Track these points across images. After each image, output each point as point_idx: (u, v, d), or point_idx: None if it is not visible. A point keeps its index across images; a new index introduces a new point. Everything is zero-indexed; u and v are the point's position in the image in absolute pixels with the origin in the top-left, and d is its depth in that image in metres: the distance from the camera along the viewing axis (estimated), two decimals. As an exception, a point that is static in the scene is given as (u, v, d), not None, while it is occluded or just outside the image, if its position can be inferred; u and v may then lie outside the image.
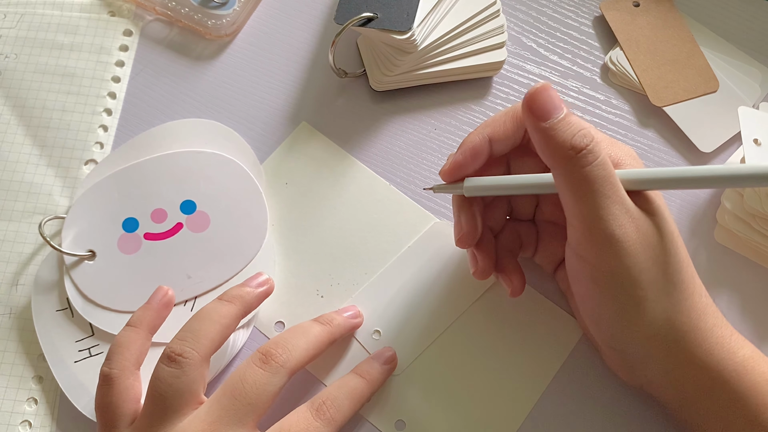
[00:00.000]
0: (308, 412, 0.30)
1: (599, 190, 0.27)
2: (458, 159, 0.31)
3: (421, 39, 0.39)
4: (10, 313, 0.37)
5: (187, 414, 0.29)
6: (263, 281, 0.35)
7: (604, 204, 0.27)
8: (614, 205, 0.27)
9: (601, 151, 0.27)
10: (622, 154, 0.30)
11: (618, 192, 0.27)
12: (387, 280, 0.37)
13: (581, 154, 0.27)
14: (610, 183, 0.27)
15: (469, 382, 0.35)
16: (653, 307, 0.28)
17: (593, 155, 0.27)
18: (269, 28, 0.45)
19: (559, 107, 0.28)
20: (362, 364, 0.34)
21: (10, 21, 0.44)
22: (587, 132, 0.27)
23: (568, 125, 0.27)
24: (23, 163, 0.40)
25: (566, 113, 0.28)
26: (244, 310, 0.33)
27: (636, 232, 0.27)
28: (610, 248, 0.27)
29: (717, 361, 0.29)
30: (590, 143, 0.27)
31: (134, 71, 0.43)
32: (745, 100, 0.41)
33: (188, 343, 0.30)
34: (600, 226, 0.27)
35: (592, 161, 0.27)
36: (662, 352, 0.29)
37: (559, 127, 0.27)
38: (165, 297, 0.34)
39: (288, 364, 0.30)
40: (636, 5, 0.44)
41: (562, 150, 0.27)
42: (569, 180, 0.27)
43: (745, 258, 0.38)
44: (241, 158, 0.40)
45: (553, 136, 0.27)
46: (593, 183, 0.27)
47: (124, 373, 0.31)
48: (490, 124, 0.31)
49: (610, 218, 0.27)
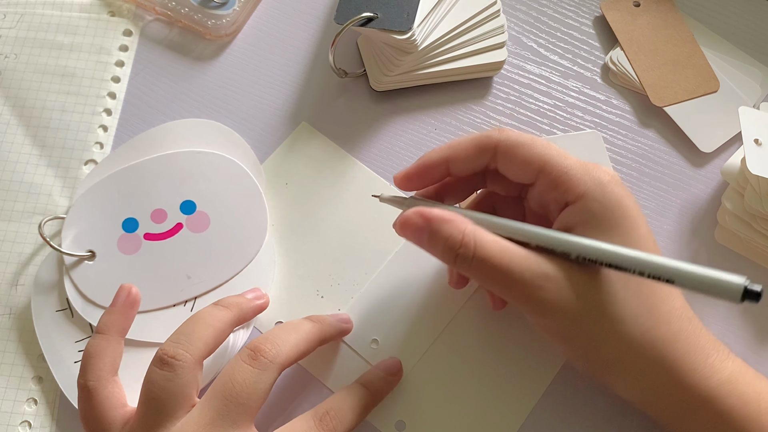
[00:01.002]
0: (311, 420, 0.30)
1: (490, 279, 0.28)
2: (410, 171, 0.31)
3: (421, 39, 0.39)
4: (10, 313, 0.37)
5: (180, 417, 0.29)
6: (260, 295, 0.36)
7: (499, 285, 0.28)
8: (509, 279, 0.27)
9: (470, 243, 0.27)
10: (588, 185, 0.28)
11: (512, 266, 0.27)
12: (378, 287, 0.37)
13: (457, 261, 0.28)
14: (492, 267, 0.27)
15: (470, 382, 0.35)
16: (601, 348, 0.28)
17: (464, 255, 0.27)
18: (269, 28, 0.44)
19: (420, 233, 0.28)
20: (367, 374, 0.34)
21: (10, 21, 0.44)
22: (453, 234, 0.28)
23: (436, 242, 0.28)
24: (23, 163, 0.40)
25: (429, 232, 0.28)
26: (239, 318, 0.33)
27: (554, 292, 0.27)
28: (531, 313, 0.28)
29: (689, 387, 0.28)
30: (458, 248, 0.27)
31: (134, 71, 0.43)
32: (746, 100, 0.41)
33: (182, 345, 0.30)
34: (512, 299, 0.28)
35: (469, 261, 0.27)
36: (627, 381, 0.29)
37: (429, 245, 0.29)
38: (129, 297, 0.34)
39: (277, 360, 0.30)
40: (636, 5, 0.44)
41: (443, 260, 0.29)
42: (465, 274, 0.29)
43: (746, 258, 0.38)
44: (241, 158, 0.40)
45: (430, 252, 0.29)
46: (486, 275, 0.27)
47: (100, 382, 0.31)
48: (453, 146, 0.31)
49: (513, 293, 0.28)
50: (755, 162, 0.35)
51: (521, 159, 0.29)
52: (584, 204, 0.28)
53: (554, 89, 0.43)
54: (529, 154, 0.29)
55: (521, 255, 0.27)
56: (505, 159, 0.30)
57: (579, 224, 0.28)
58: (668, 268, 0.25)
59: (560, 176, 0.28)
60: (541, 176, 0.29)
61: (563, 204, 0.29)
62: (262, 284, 0.37)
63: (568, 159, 0.29)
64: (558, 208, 0.29)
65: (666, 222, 0.39)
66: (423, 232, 0.28)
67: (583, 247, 0.27)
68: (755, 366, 0.30)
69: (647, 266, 0.25)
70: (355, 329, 0.36)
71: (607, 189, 0.28)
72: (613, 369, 0.29)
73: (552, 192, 0.29)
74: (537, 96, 0.43)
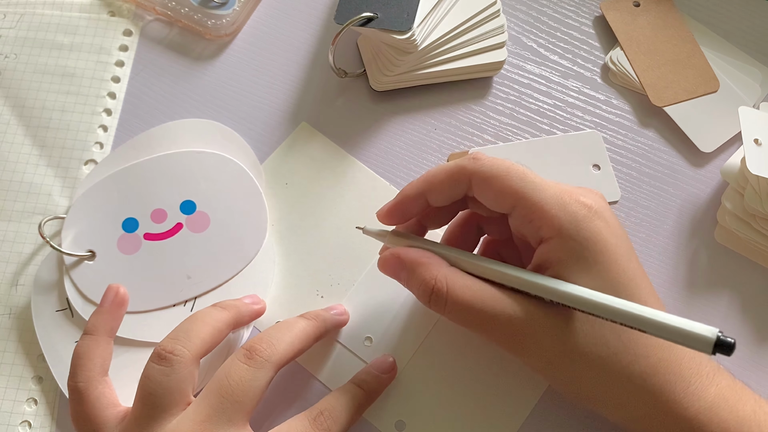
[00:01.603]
0: (306, 420, 0.30)
1: (465, 323, 0.28)
2: (391, 206, 0.32)
3: (421, 39, 0.39)
4: (10, 313, 0.37)
5: (176, 414, 0.29)
6: (257, 300, 0.36)
7: (474, 327, 0.28)
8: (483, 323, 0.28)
9: (443, 288, 0.28)
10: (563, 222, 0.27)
11: (485, 310, 0.27)
12: (369, 284, 0.37)
13: (431, 303, 0.28)
14: (466, 311, 0.28)
15: (469, 381, 0.35)
16: (579, 383, 0.28)
17: (437, 300, 0.28)
18: (269, 28, 0.44)
19: (398, 273, 0.30)
20: (361, 373, 0.34)
21: (10, 21, 0.44)
22: (426, 279, 0.28)
23: (411, 284, 0.29)
24: (23, 163, 0.40)
25: (405, 273, 0.30)
26: (236, 319, 0.33)
27: (529, 336, 0.27)
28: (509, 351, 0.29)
29: (668, 416, 0.28)
30: (431, 294, 0.28)
31: (134, 71, 0.43)
32: (746, 100, 0.41)
33: (179, 341, 0.30)
34: (488, 339, 0.29)
35: (443, 305, 0.28)
36: (608, 411, 0.29)
37: (406, 285, 0.30)
38: (117, 296, 0.34)
39: (273, 358, 0.30)
40: (636, 5, 0.44)
41: (421, 300, 0.29)
42: (446, 318, 0.29)
43: (746, 258, 0.38)
44: (241, 158, 0.40)
45: (409, 290, 0.30)
46: (461, 318, 0.28)
47: (91, 383, 0.31)
48: (429, 179, 0.30)
49: (489, 334, 0.28)
50: (755, 162, 0.35)
51: (495, 191, 0.29)
52: (559, 242, 0.27)
53: (554, 89, 0.43)
54: (503, 187, 0.28)
55: (496, 298, 0.28)
56: (479, 190, 0.29)
57: (555, 262, 0.28)
58: (639, 318, 0.25)
59: (534, 212, 0.28)
60: (515, 210, 0.29)
61: (538, 240, 0.28)
62: (261, 284, 0.37)
63: (543, 192, 0.28)
64: (535, 241, 0.29)
65: (666, 222, 0.39)
66: (401, 273, 0.30)
67: (556, 292, 0.27)
68: (755, 367, 0.30)
69: (619, 315, 0.25)
70: (349, 328, 0.36)
71: (582, 225, 0.27)
72: (594, 402, 0.29)
73: (527, 226, 0.28)
74: (537, 96, 0.43)
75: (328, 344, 0.36)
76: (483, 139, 0.41)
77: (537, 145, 0.41)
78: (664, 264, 0.38)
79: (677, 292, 0.38)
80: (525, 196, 0.28)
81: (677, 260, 0.38)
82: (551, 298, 0.27)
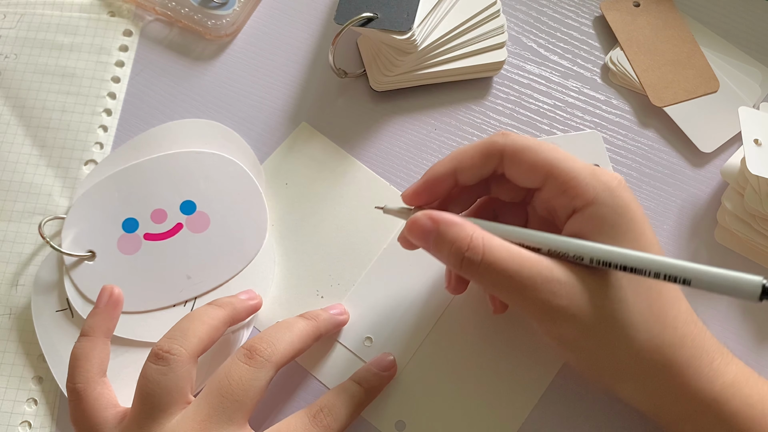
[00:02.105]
0: (306, 417, 0.30)
1: (499, 284, 0.27)
2: (419, 186, 0.31)
3: (421, 39, 0.39)
4: (10, 313, 0.37)
5: (175, 414, 0.29)
6: (253, 296, 0.36)
7: (508, 290, 0.27)
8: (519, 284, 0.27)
9: (479, 245, 0.27)
10: (598, 190, 0.28)
11: (522, 271, 0.27)
12: (369, 284, 0.37)
13: (463, 264, 0.27)
14: (501, 271, 0.27)
15: (470, 381, 0.35)
16: (612, 354, 0.28)
17: (471, 259, 0.27)
18: (269, 28, 0.44)
19: (428, 235, 0.28)
20: (360, 371, 0.34)
21: (10, 21, 0.44)
22: (461, 237, 0.27)
23: (442, 245, 0.28)
24: (23, 163, 0.40)
25: (437, 234, 0.28)
26: (233, 316, 0.33)
27: (566, 298, 0.27)
28: (541, 321, 0.28)
29: (695, 391, 0.28)
30: (465, 252, 0.27)
31: (134, 71, 0.43)
32: (746, 100, 0.41)
33: (176, 340, 0.30)
34: (521, 305, 0.28)
35: (476, 265, 0.27)
36: (634, 387, 0.29)
37: (435, 248, 0.28)
38: (111, 297, 0.34)
39: (273, 358, 0.30)
40: (636, 5, 0.44)
41: (449, 264, 0.28)
42: (471, 280, 0.28)
43: (746, 258, 0.38)
44: (241, 158, 0.40)
45: (436, 256, 0.29)
46: (494, 280, 0.27)
47: (89, 384, 0.31)
48: (458, 156, 0.30)
49: (523, 299, 0.27)
50: (755, 162, 0.35)
51: (528, 164, 0.29)
52: (594, 210, 0.28)
53: (554, 89, 0.43)
54: (536, 159, 0.29)
55: (532, 259, 0.27)
56: (511, 164, 0.29)
57: (589, 230, 0.28)
58: (686, 269, 0.25)
59: (568, 181, 0.28)
60: (548, 181, 0.29)
61: (571, 210, 0.28)
62: (261, 284, 0.37)
63: (575, 163, 0.28)
64: (566, 213, 0.29)
65: (666, 222, 0.39)
66: (430, 235, 0.28)
67: (598, 250, 0.27)
68: (754, 367, 0.30)
69: (664, 267, 0.25)
70: (349, 328, 0.36)
71: (616, 194, 0.28)
72: (621, 376, 0.29)
73: (560, 197, 0.29)
74: (537, 96, 0.43)
75: (328, 344, 0.36)
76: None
77: (537, 145, 0.41)
78: (664, 264, 0.38)
79: (677, 292, 0.38)
80: (558, 167, 0.28)
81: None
82: (593, 256, 0.27)
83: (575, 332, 0.28)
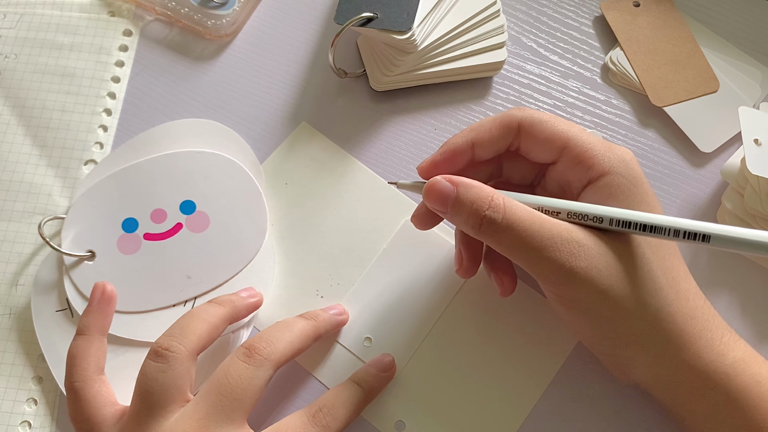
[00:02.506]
0: (305, 416, 0.30)
1: (519, 245, 0.27)
2: (436, 158, 0.31)
3: (421, 39, 0.39)
4: (10, 313, 0.37)
5: (174, 411, 0.29)
6: (254, 293, 0.36)
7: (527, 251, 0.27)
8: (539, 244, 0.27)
9: (500, 204, 0.27)
10: (613, 162, 0.29)
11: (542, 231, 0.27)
12: (369, 285, 0.37)
13: (483, 224, 0.27)
14: (522, 231, 0.27)
15: (470, 382, 0.35)
16: (627, 320, 0.28)
17: (491, 218, 0.27)
18: (269, 28, 0.44)
19: (447, 196, 0.28)
20: (360, 371, 0.34)
21: (10, 21, 0.44)
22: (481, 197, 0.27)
23: (461, 206, 0.28)
24: (23, 163, 0.40)
25: (456, 195, 0.28)
26: (233, 314, 0.33)
27: (585, 260, 0.27)
28: (559, 283, 0.28)
29: (706, 363, 0.29)
30: (486, 210, 0.27)
31: (134, 71, 0.43)
32: (746, 100, 0.41)
33: (176, 338, 0.30)
34: (540, 267, 0.27)
35: (496, 225, 0.27)
36: (648, 357, 0.29)
37: (454, 211, 0.28)
38: (104, 294, 0.34)
39: (272, 357, 0.30)
40: (636, 5, 0.44)
41: (468, 226, 0.28)
42: (489, 243, 0.28)
43: (746, 258, 0.38)
44: (241, 158, 0.40)
45: (455, 220, 0.29)
46: (515, 241, 0.27)
47: (87, 383, 0.31)
48: (476, 128, 0.31)
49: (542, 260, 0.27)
50: (755, 162, 0.35)
51: (544, 136, 0.30)
52: (610, 179, 0.29)
53: (554, 89, 0.43)
54: (553, 131, 0.30)
55: (552, 221, 0.27)
56: (528, 137, 0.30)
57: (605, 199, 0.29)
58: (705, 226, 0.26)
59: (584, 152, 0.29)
60: (564, 153, 0.30)
61: (586, 182, 0.29)
62: (261, 284, 0.37)
63: (590, 136, 0.30)
64: (580, 185, 0.30)
65: (666, 222, 0.39)
66: (449, 197, 0.28)
67: (617, 212, 0.27)
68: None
69: (684, 225, 0.26)
70: (348, 328, 0.36)
71: (630, 166, 0.29)
72: (634, 346, 0.29)
73: (575, 169, 0.29)
74: (537, 96, 0.43)
75: (328, 344, 0.36)
76: (483, 139, 0.41)
77: (537, 145, 0.41)
78: (664, 264, 0.38)
79: (677, 292, 0.38)
80: (574, 139, 0.29)
81: (677, 260, 0.38)
82: (612, 217, 0.27)
83: (592, 295, 0.28)
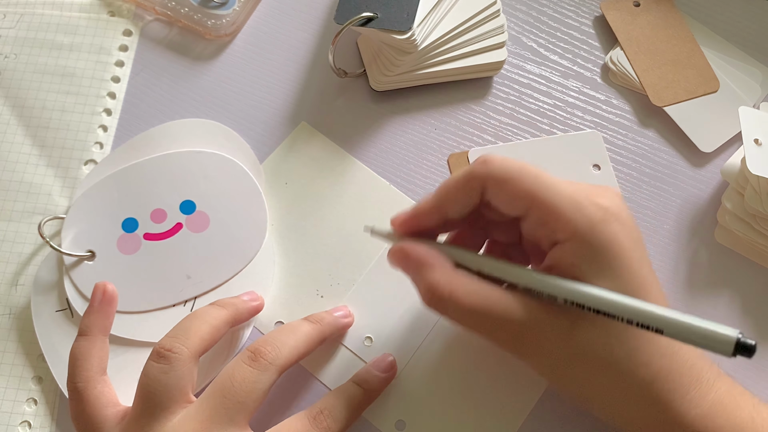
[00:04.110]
0: (306, 419, 0.30)
1: (473, 325, 0.28)
2: (407, 218, 0.31)
3: (421, 39, 0.39)
4: (10, 313, 0.37)
5: (176, 412, 0.29)
6: (255, 297, 0.36)
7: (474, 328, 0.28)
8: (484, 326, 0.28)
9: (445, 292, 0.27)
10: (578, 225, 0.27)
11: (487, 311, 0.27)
12: (369, 285, 0.37)
13: (432, 306, 0.28)
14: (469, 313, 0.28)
15: (470, 381, 0.35)
16: (581, 388, 0.29)
17: (439, 305, 0.28)
18: (269, 28, 0.44)
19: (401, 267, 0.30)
20: (361, 372, 0.34)
21: (10, 21, 0.44)
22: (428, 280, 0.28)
23: (414, 279, 0.29)
24: (23, 163, 0.40)
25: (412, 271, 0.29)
26: (235, 317, 0.34)
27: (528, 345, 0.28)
28: (513, 357, 0.29)
29: (667, 422, 0.28)
30: (431, 298, 0.28)
31: (134, 71, 0.43)
32: (746, 100, 0.41)
33: (178, 339, 0.30)
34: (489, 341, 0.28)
35: (444, 309, 0.28)
36: (608, 415, 0.29)
37: (411, 280, 0.29)
38: (105, 294, 0.34)
39: (277, 361, 0.30)
40: (636, 5, 0.44)
41: (422, 300, 0.29)
42: (449, 321, 0.29)
43: (746, 258, 0.38)
44: (240, 158, 0.40)
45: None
46: (464, 321, 0.28)
47: (89, 383, 0.31)
48: (442, 190, 0.30)
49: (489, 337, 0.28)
50: (755, 162, 0.35)
51: (509, 195, 0.28)
52: (572, 245, 0.27)
53: (554, 89, 0.43)
54: (516, 190, 0.27)
55: (501, 300, 0.27)
56: (493, 195, 0.29)
57: (567, 265, 0.27)
58: (658, 318, 0.24)
59: (549, 214, 0.27)
60: (530, 212, 0.28)
61: (553, 241, 0.28)
62: (261, 284, 0.37)
63: (558, 194, 0.27)
64: (548, 243, 0.28)
65: (666, 222, 0.39)
66: (408, 269, 0.30)
67: (571, 291, 0.26)
68: (754, 367, 0.30)
69: (636, 314, 0.25)
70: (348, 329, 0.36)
71: (597, 229, 0.26)
72: (593, 404, 0.29)
73: (541, 229, 0.28)
74: (537, 96, 0.43)
75: (329, 344, 0.36)
76: (483, 139, 0.41)
77: (537, 145, 0.41)
78: (664, 264, 0.38)
79: (677, 292, 0.38)
80: (539, 198, 0.27)
81: (677, 260, 0.38)
82: (567, 297, 0.26)
83: (544, 367, 0.28)
